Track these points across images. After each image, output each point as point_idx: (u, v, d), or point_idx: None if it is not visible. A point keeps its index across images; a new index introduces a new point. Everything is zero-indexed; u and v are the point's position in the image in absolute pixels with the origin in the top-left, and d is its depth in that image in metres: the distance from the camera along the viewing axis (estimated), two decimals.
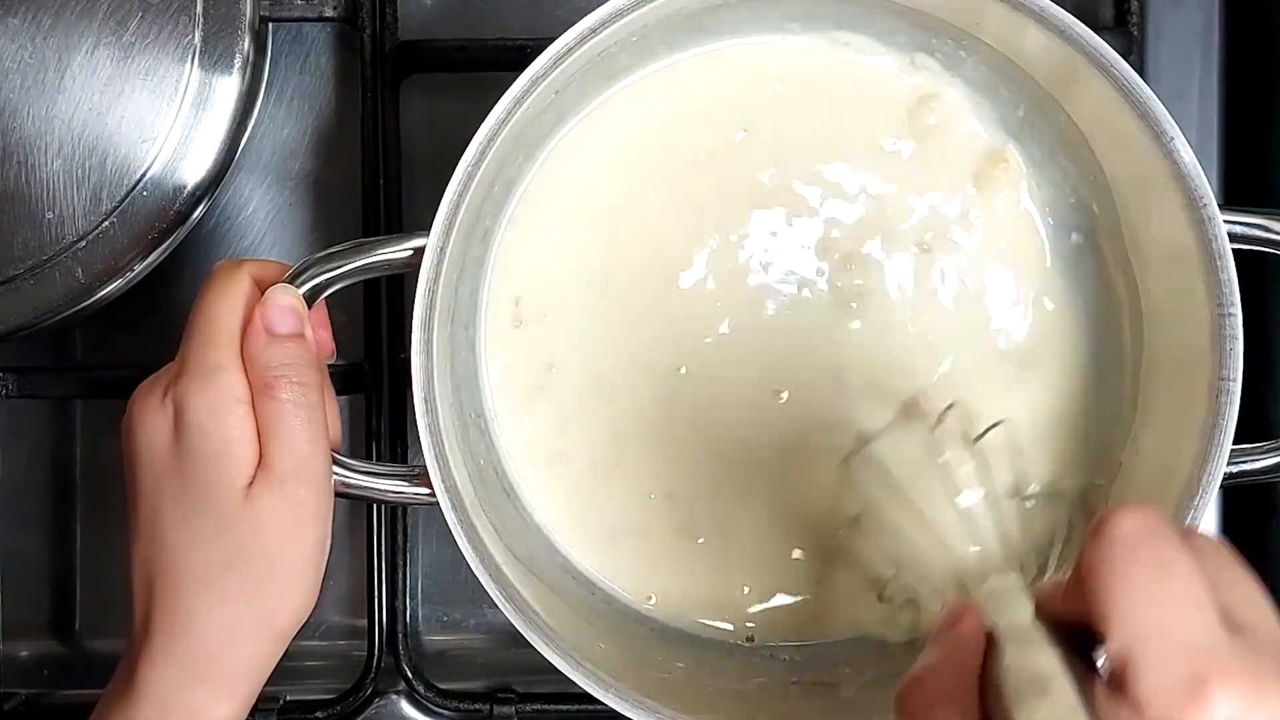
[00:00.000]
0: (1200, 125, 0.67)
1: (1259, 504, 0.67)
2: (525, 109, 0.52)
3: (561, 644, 0.53)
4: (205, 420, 0.49)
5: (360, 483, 0.53)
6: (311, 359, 0.52)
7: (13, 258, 0.57)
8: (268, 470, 0.50)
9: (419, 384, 0.52)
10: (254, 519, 0.49)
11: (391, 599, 0.64)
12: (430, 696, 0.65)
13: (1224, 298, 0.52)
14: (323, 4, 0.62)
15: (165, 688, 0.50)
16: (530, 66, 0.51)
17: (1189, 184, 0.52)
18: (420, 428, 0.52)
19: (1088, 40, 0.52)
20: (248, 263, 0.52)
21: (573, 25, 0.52)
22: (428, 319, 0.52)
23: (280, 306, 0.51)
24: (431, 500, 0.52)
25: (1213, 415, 0.52)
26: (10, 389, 0.63)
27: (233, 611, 0.50)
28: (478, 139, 0.51)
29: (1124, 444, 0.58)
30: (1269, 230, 0.53)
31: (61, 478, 0.67)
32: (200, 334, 0.51)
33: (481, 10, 0.67)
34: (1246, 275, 0.52)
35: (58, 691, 0.67)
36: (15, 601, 0.65)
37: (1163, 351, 0.56)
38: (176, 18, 0.57)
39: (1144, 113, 0.52)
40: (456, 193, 0.51)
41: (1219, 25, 0.67)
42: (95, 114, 0.57)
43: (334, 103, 0.66)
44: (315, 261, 0.52)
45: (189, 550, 0.50)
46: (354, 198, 0.63)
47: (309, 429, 0.50)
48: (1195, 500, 0.52)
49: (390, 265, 0.52)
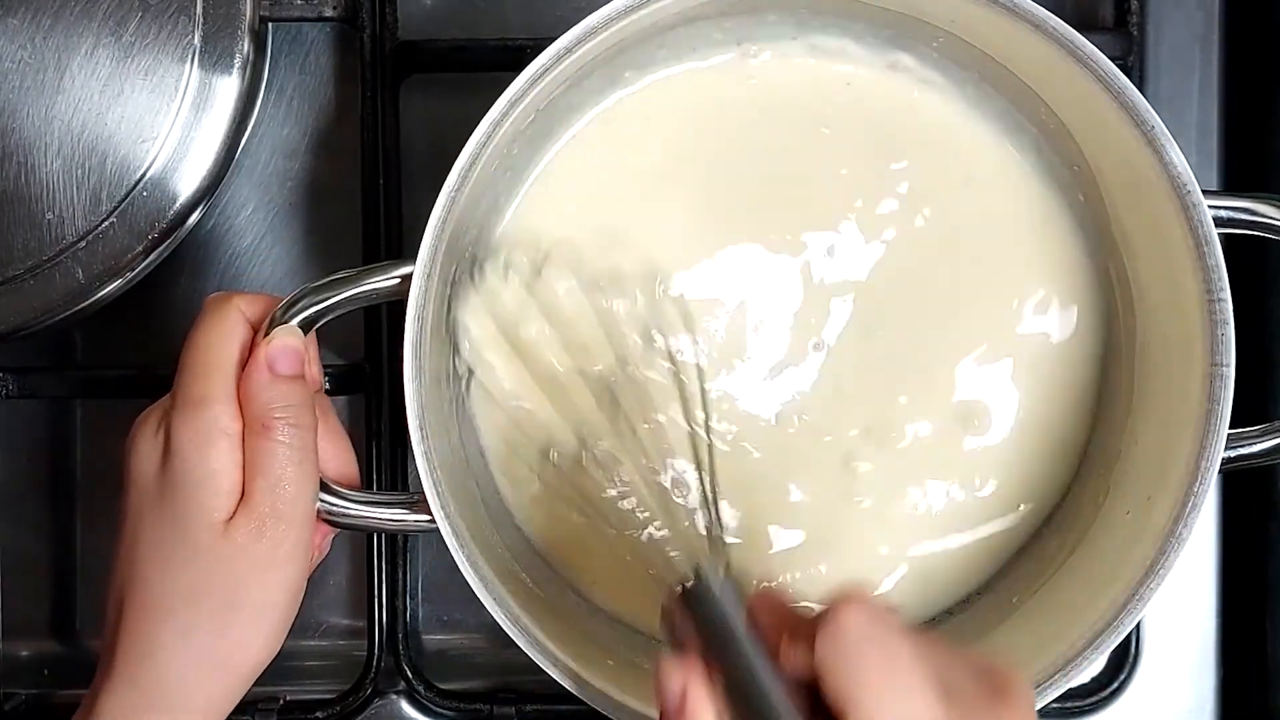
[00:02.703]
0: (1200, 125, 0.67)
1: (1259, 504, 0.67)
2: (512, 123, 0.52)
3: (568, 665, 0.53)
4: (189, 450, 0.50)
5: (358, 513, 0.54)
6: (309, 401, 0.52)
7: (13, 258, 0.57)
8: (249, 507, 0.50)
9: (413, 411, 0.52)
10: (228, 552, 0.49)
11: (391, 599, 0.64)
12: (430, 696, 0.65)
13: (1213, 283, 0.52)
14: (322, 4, 0.62)
15: (122, 714, 0.50)
16: (510, 88, 0.52)
17: (1172, 171, 0.52)
18: (416, 455, 0.52)
19: (1063, 34, 0.52)
20: (237, 296, 0.53)
21: (573, 25, 0.52)
22: (419, 344, 0.52)
23: (283, 346, 0.51)
24: (432, 527, 0.53)
25: (1208, 401, 0.52)
26: (10, 389, 0.63)
27: (195, 645, 0.50)
28: (460, 161, 0.52)
29: (1121, 432, 0.58)
30: (1254, 214, 0.53)
31: (61, 478, 0.68)
32: (191, 367, 0.51)
33: (481, 10, 0.67)
34: (1241, 260, 0.52)
35: (58, 691, 0.67)
36: (15, 601, 0.65)
37: (1156, 339, 0.57)
38: (176, 18, 0.57)
39: (1124, 102, 0.52)
40: (440, 218, 0.52)
41: (1219, 25, 0.67)
42: (95, 114, 0.57)
43: (334, 103, 0.66)
44: (308, 293, 0.52)
45: (159, 580, 0.50)
46: (353, 198, 0.63)
47: (298, 471, 0.50)
48: (1195, 486, 0.52)
49: (380, 294, 0.53)
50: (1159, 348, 0.56)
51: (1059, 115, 0.57)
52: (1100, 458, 0.59)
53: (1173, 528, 0.52)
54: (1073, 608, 0.55)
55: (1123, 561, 0.54)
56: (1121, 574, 0.53)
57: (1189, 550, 0.67)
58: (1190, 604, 0.68)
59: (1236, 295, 0.52)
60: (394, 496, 0.54)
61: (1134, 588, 0.53)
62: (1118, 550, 0.55)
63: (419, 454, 0.52)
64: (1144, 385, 0.57)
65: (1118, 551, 0.55)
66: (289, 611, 0.51)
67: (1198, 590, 0.68)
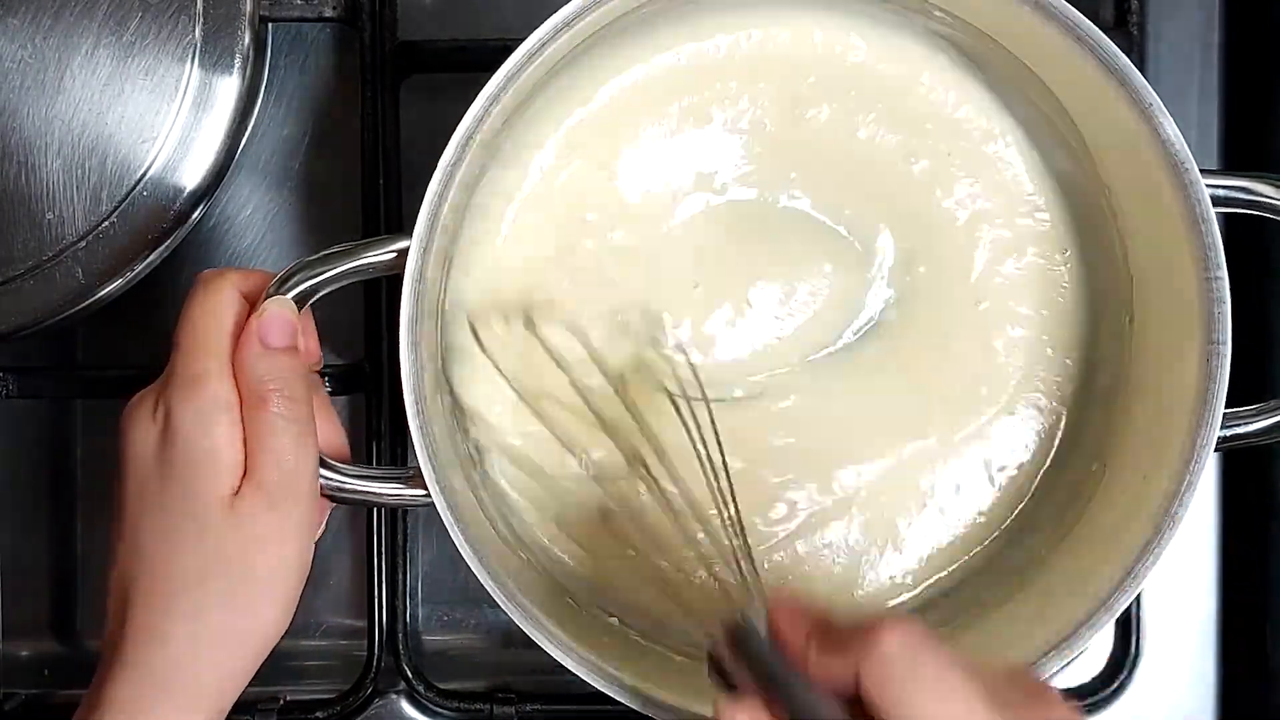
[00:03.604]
0: (1200, 125, 0.67)
1: (1259, 504, 0.67)
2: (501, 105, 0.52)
3: (562, 640, 0.53)
4: (190, 428, 0.49)
5: (355, 487, 0.53)
6: (303, 373, 0.52)
7: (13, 258, 0.57)
8: (253, 481, 0.50)
9: (409, 386, 0.52)
10: (235, 527, 0.49)
11: (391, 599, 0.64)
12: (430, 696, 0.65)
13: (1210, 261, 0.52)
14: (322, 4, 0.62)
15: (131, 702, 0.49)
16: (504, 64, 0.52)
17: (1169, 149, 0.52)
18: (412, 429, 0.52)
19: (1061, 10, 0.52)
20: (231, 272, 0.52)
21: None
22: (414, 319, 0.52)
23: (275, 317, 0.51)
24: (427, 501, 0.52)
25: (1205, 379, 0.52)
26: (10, 389, 0.63)
27: (205, 623, 0.50)
28: (456, 137, 0.52)
29: (1117, 412, 0.58)
30: (1251, 192, 0.54)
31: (61, 478, 0.68)
32: (187, 343, 0.51)
33: (481, 10, 0.67)
34: (1238, 240, 0.53)
35: (58, 691, 0.67)
36: (15, 601, 0.65)
37: (1153, 317, 0.57)
38: (176, 17, 0.57)
39: (1122, 80, 0.52)
40: (437, 193, 0.52)
41: (1219, 25, 0.67)
42: (95, 114, 0.57)
43: (334, 103, 0.66)
44: (303, 266, 0.52)
45: (167, 561, 0.50)
46: (354, 198, 0.63)
47: (298, 443, 0.50)
48: (1191, 465, 0.52)
49: (376, 268, 0.53)
50: (1156, 326, 0.56)
51: (1055, 93, 0.57)
52: (1095, 437, 0.59)
53: (1168, 506, 0.53)
54: (1068, 587, 0.55)
55: (1118, 541, 0.54)
56: (1117, 553, 0.54)
57: (1189, 550, 0.68)
58: (1190, 604, 0.68)
59: (1233, 274, 0.52)
60: (390, 471, 0.54)
61: (1130, 566, 0.53)
62: (1113, 530, 0.55)
63: (414, 427, 0.52)
64: (1141, 364, 0.57)
65: (1113, 531, 0.55)
66: (298, 585, 0.51)
67: (1198, 590, 0.68)
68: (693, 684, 0.56)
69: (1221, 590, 0.68)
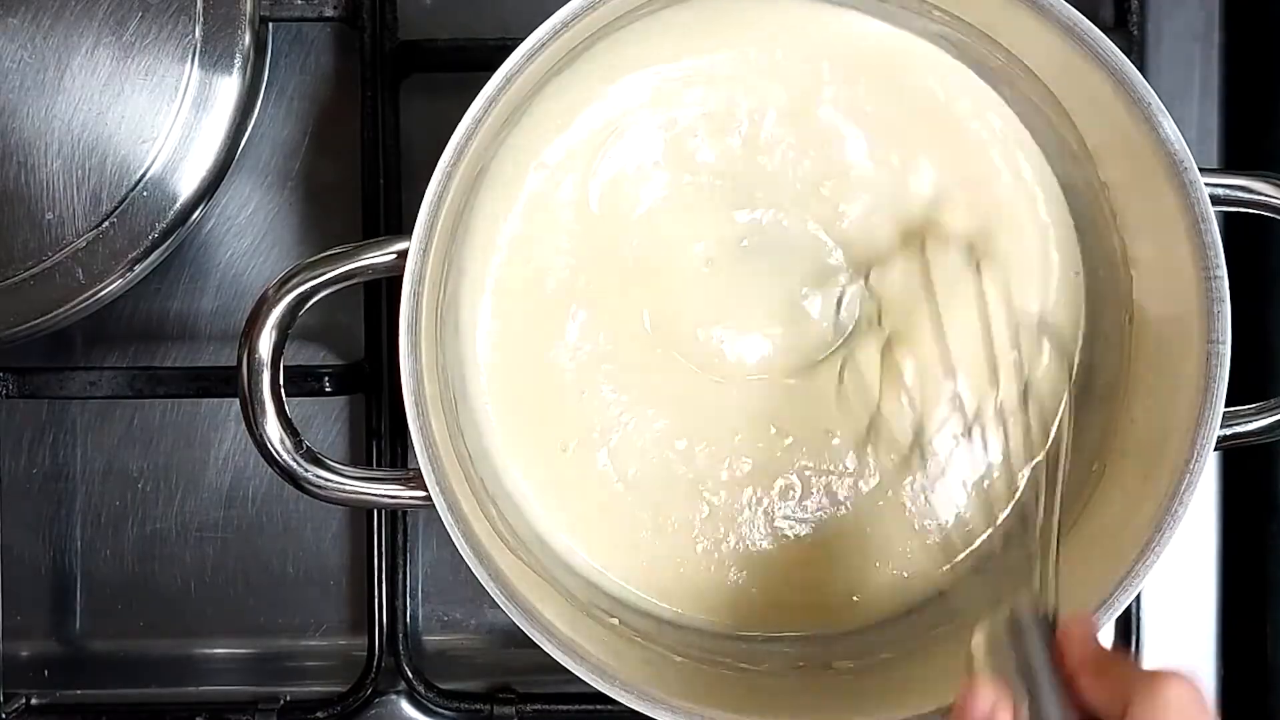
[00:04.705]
0: (1200, 125, 0.67)
1: (1259, 504, 0.67)
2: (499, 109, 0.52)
3: (562, 639, 0.53)
4: None
5: (355, 488, 0.53)
6: None
7: (13, 258, 0.57)
8: None
9: (409, 387, 0.52)
10: None
11: (391, 599, 0.64)
12: (430, 696, 0.65)
13: (1209, 260, 0.52)
14: (323, 4, 0.62)
15: None
16: (503, 64, 0.52)
17: (1169, 148, 0.52)
18: (412, 430, 0.52)
19: (1062, 11, 0.53)
20: None
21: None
22: (414, 321, 0.52)
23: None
24: (427, 502, 0.52)
25: (1204, 378, 0.52)
26: (10, 389, 0.63)
27: None
28: (456, 137, 0.52)
29: (1117, 410, 0.58)
30: (1251, 191, 0.54)
31: (61, 478, 0.67)
32: None
33: (481, 10, 0.67)
34: (1238, 239, 0.53)
35: (58, 691, 0.67)
36: (15, 601, 0.65)
37: (1153, 316, 0.57)
38: (176, 17, 0.58)
39: (1122, 80, 0.53)
40: (436, 194, 0.52)
41: (1219, 25, 0.67)
42: (95, 114, 0.57)
43: (334, 103, 0.66)
44: (303, 268, 0.52)
45: None
46: (354, 198, 0.63)
47: None
48: (1190, 463, 0.52)
49: (376, 269, 0.53)
50: (1156, 324, 0.57)
51: (1055, 94, 0.57)
52: (1099, 437, 0.59)
53: (1169, 505, 0.53)
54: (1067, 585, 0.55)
55: (1118, 541, 0.54)
56: (1117, 553, 0.54)
57: (1189, 550, 0.68)
58: (1190, 605, 0.68)
59: (1233, 274, 0.52)
60: (390, 472, 0.54)
61: (1130, 566, 0.53)
62: (1113, 529, 0.55)
63: (414, 428, 0.52)
64: (1141, 362, 0.57)
65: (1114, 528, 0.55)
66: None
67: (1198, 591, 0.68)
68: (693, 684, 0.56)
69: (1221, 590, 0.68)
